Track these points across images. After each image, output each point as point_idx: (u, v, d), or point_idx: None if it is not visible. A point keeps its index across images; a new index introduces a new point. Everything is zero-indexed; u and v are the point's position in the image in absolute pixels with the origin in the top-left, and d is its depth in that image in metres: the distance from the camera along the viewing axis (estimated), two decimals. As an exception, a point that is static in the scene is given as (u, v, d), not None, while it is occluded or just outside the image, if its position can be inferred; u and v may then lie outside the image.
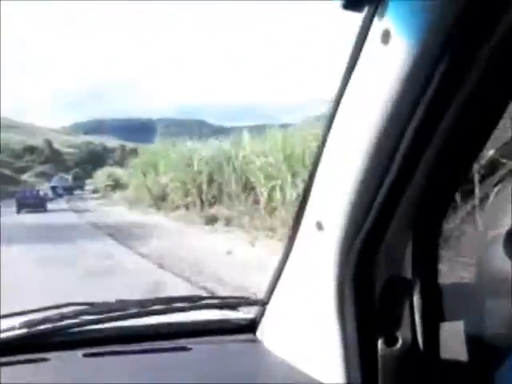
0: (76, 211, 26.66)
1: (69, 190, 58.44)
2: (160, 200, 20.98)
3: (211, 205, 16.13)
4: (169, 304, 1.22)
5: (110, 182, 45.82)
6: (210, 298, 1.53)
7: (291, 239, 0.98)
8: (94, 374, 1.00)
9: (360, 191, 0.75)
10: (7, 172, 73.11)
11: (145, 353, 1.09)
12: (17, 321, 1.11)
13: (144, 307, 1.19)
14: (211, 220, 14.20)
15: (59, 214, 25.59)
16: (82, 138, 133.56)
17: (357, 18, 0.69)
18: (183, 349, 1.10)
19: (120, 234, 14.24)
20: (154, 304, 1.21)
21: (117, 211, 23.68)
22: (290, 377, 0.96)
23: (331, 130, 0.78)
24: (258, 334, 1.16)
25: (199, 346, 1.12)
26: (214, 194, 16.24)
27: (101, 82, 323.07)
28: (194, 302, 1.22)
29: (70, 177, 71.02)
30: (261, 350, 1.10)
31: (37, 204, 28.33)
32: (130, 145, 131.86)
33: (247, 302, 1.26)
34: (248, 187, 14.39)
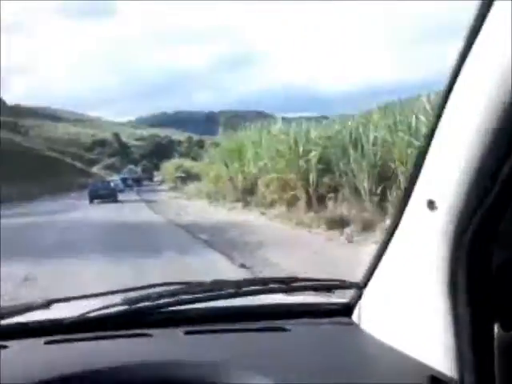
0: (148, 203, 24.49)
1: (138, 182, 59.29)
2: (248, 194, 17.53)
3: (321, 201, 12.32)
4: (265, 285, 1.23)
5: (179, 174, 43.80)
6: (305, 280, 1.26)
7: (396, 219, 0.96)
8: (196, 350, 1.01)
9: (478, 168, 0.71)
10: (78, 164, 73.52)
11: (244, 331, 1.10)
12: (117, 298, 1.14)
13: (240, 288, 1.19)
14: (337, 223, 10.19)
15: (133, 206, 23.61)
16: (148, 131, 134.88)
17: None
18: (282, 329, 1.10)
19: (211, 236, 10.83)
20: (251, 285, 1.23)
21: (196, 206, 20.64)
22: (394, 359, 0.95)
23: (447, 104, 0.74)
24: (354, 317, 1.16)
25: (297, 327, 1.13)
26: (329, 187, 12.38)
27: (164, 76, 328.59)
28: (289, 284, 1.21)
29: (139, 169, 71.49)
30: (359, 332, 1.09)
31: (108, 195, 29.17)
32: (195, 136, 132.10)
33: (343, 285, 1.23)
34: (384, 177, 10.54)
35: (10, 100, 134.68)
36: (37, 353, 1.03)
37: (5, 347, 1.03)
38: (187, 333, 1.09)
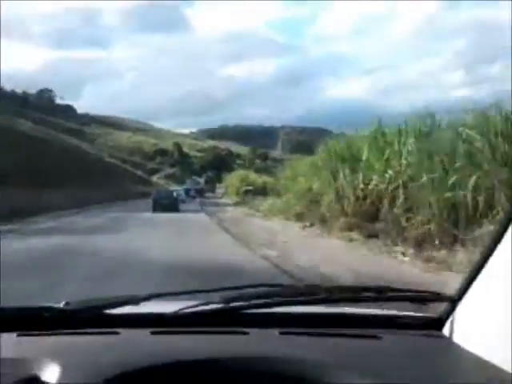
0: (221, 222, 19.47)
1: (200, 193, 58.24)
2: (368, 218, 12.08)
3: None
4: (357, 293, 1.23)
5: (246, 187, 39.45)
6: (398, 290, 1.24)
7: (499, 235, 0.95)
8: (292, 350, 1.02)
9: None
10: (139, 173, 71.29)
11: (337, 336, 1.11)
12: (214, 296, 1.18)
13: (332, 294, 1.20)
14: None
15: (201, 223, 19.92)
16: (208, 143, 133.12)
17: None
18: (374, 337, 1.10)
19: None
20: (342, 292, 1.24)
21: (287, 232, 14.53)
22: (489, 374, 0.91)
23: None
24: (445, 330, 1.14)
25: (389, 336, 1.12)
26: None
27: (226, 90, 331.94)
28: (381, 293, 1.20)
29: (201, 180, 70.24)
30: (451, 346, 1.07)
31: (170, 205, 29.14)
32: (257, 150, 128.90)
33: (436, 297, 1.21)
34: None
35: (80, 108, 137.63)
36: (143, 341, 1.08)
37: (117, 333, 1.10)
38: (282, 333, 1.10)
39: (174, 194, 33.00)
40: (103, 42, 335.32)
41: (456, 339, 1.09)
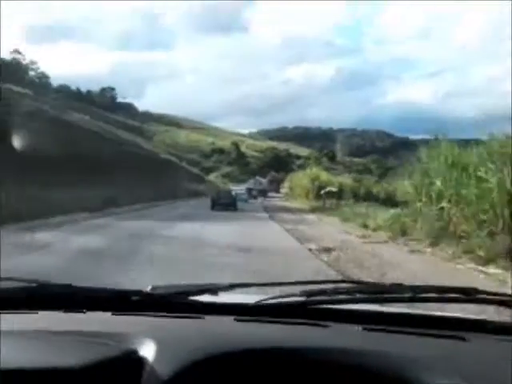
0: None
1: (264, 193, 56.43)
2: None
3: None
4: (441, 293, 1.20)
5: (328, 188, 33.29)
6: (486, 292, 1.20)
7: None
8: (372, 345, 1.00)
9: None
10: (195, 171, 68.23)
11: (423, 336, 1.07)
12: (294, 289, 1.18)
13: (417, 293, 1.18)
14: None
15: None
16: (267, 143, 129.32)
17: None
18: (461, 339, 1.06)
19: None
20: (427, 291, 1.21)
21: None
22: None
23: None
24: None
25: (476, 340, 1.07)
26: None
27: (285, 92, 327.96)
28: (468, 295, 1.18)
29: (264, 180, 68.29)
30: None
31: (229, 203, 28.01)
32: (306, 151, 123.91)
33: None
34: None
35: (141, 107, 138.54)
36: (228, 328, 1.08)
37: (202, 318, 1.12)
38: (365, 329, 1.08)
39: (233, 193, 31.45)
40: (165, 43, 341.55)
41: None
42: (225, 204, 27.74)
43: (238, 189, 42.56)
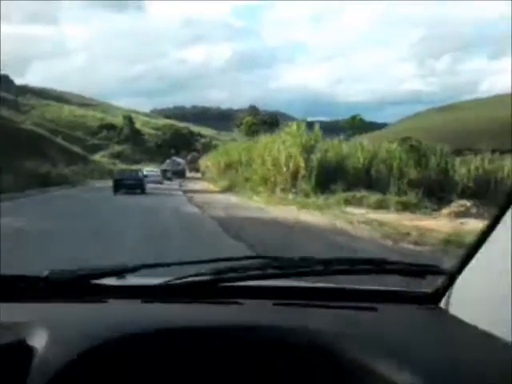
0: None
1: (182, 174, 49.67)
2: None
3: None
4: (353, 265, 1.18)
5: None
6: (395, 263, 1.21)
7: (502, 210, 0.92)
8: (285, 320, 0.98)
9: None
10: (75, 149, 53.34)
11: (332, 308, 1.06)
12: (205, 267, 1.12)
13: (328, 266, 1.15)
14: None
15: None
16: (164, 122, 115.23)
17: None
18: (371, 309, 1.05)
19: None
20: (338, 264, 1.18)
21: None
22: (486, 343, 0.89)
23: None
24: (442, 304, 1.09)
25: (386, 309, 1.07)
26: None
27: (182, 72, 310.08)
28: (378, 266, 1.16)
29: (182, 161, 59.88)
30: (448, 318, 1.04)
31: (134, 185, 25.09)
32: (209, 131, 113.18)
33: (434, 270, 1.16)
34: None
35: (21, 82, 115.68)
36: (133, 310, 1.02)
37: (105, 302, 1.05)
38: (276, 304, 1.06)
39: (140, 174, 27.47)
40: (52, 17, 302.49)
41: (454, 312, 1.03)
42: (130, 186, 24.64)
43: (151, 170, 38.53)
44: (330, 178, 19.24)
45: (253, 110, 75.94)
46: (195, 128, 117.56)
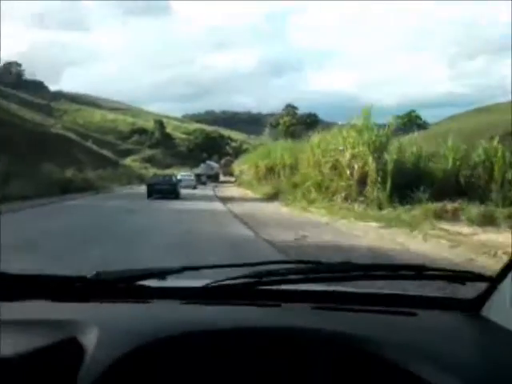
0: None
1: (215, 178, 49.41)
2: None
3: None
4: (393, 271, 1.16)
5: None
6: (436, 269, 1.17)
7: None
8: (323, 325, 0.97)
9: None
10: (105, 153, 50.83)
11: (373, 313, 1.04)
12: (246, 270, 1.11)
13: (369, 271, 1.14)
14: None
15: None
16: (195, 126, 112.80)
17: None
18: (411, 314, 1.03)
19: None
20: (379, 269, 1.16)
21: None
22: None
23: None
24: (484, 312, 1.06)
25: (426, 315, 1.05)
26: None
27: (211, 77, 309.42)
28: (419, 272, 1.14)
29: (216, 165, 58.70)
30: (489, 326, 1.01)
31: (168, 190, 23.81)
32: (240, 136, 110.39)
33: (475, 277, 1.13)
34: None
35: (55, 88, 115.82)
36: (175, 311, 1.04)
37: (148, 303, 1.06)
38: (315, 308, 1.05)
39: (174, 179, 26.35)
40: (84, 25, 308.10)
41: (495, 320, 1.00)
42: (164, 191, 23.62)
43: (185, 174, 38.76)
44: (408, 184, 14.98)
45: (290, 110, 71.08)
46: (225, 132, 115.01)
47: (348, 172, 16.94)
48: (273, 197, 23.39)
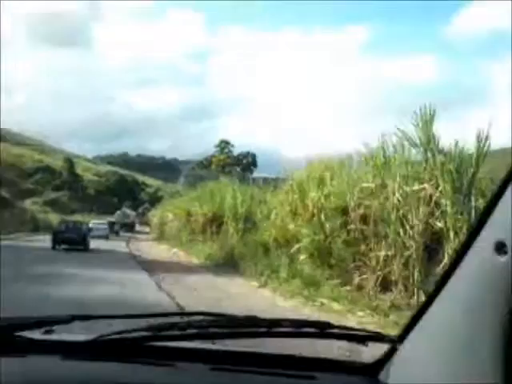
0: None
1: (130, 227, 46.13)
2: None
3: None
4: (298, 327, 1.12)
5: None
6: (339, 327, 1.15)
7: (451, 269, 0.82)
8: None
9: None
10: (7, 195, 45.78)
11: (272, 375, 1.01)
12: (141, 322, 1.06)
13: (272, 328, 1.10)
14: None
15: None
16: (108, 168, 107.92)
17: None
18: (310, 378, 1.01)
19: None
20: (283, 326, 1.12)
21: None
22: None
23: None
24: (382, 376, 1.01)
25: (324, 378, 1.02)
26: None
27: (127, 119, 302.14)
28: (322, 329, 1.11)
29: (133, 212, 55.42)
30: None
31: (76, 241, 21.70)
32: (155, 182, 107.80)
33: (377, 337, 1.11)
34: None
35: None
36: (53, 368, 0.95)
37: (24, 357, 0.96)
38: (213, 369, 0.99)
39: (84, 227, 24.54)
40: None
41: None
42: (72, 241, 21.55)
43: (98, 222, 35.97)
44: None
45: (224, 146, 65.12)
46: (140, 177, 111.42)
47: (409, 228, 8.47)
48: (226, 264, 15.38)
